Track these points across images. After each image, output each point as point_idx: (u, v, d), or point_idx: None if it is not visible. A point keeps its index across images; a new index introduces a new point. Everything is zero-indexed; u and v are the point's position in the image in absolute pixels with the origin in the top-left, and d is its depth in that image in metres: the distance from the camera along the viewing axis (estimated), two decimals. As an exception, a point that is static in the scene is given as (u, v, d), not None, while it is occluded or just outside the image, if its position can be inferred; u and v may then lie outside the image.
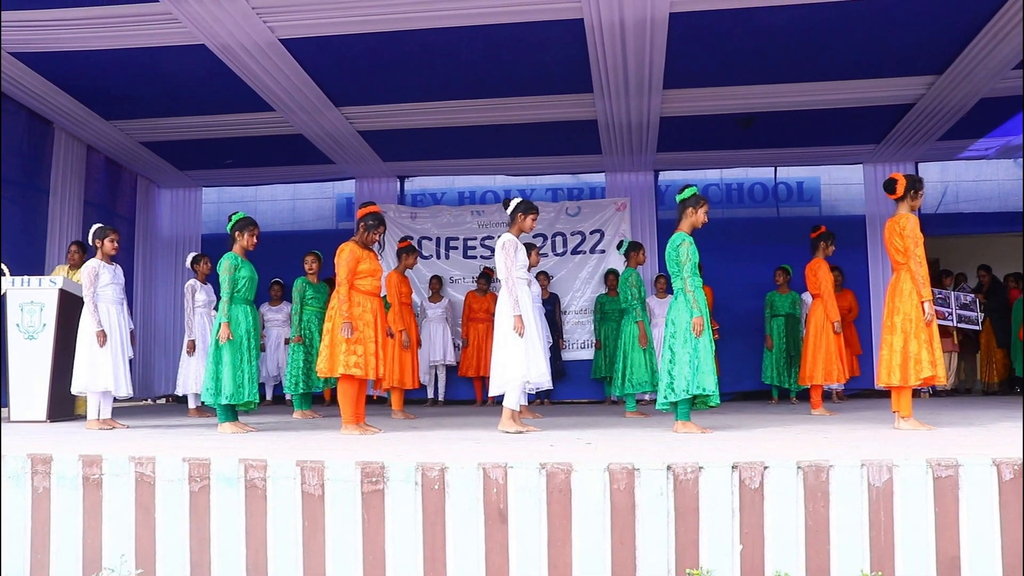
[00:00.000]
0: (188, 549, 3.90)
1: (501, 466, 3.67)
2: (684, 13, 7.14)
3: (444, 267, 11.57)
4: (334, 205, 13.03)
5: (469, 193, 12.67)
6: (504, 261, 5.94)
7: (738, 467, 3.59)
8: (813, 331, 7.92)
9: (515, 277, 5.94)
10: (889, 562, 3.50)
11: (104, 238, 7.03)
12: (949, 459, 3.57)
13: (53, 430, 6.37)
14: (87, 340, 6.84)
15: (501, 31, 7.45)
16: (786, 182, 12.30)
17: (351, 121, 9.73)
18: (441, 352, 10.71)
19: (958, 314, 10.56)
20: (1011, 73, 8.34)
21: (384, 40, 7.61)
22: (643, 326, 7.83)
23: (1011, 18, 7.20)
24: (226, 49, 7.70)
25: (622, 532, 3.57)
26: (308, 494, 3.80)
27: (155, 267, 12.09)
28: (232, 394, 6.12)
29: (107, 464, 4.04)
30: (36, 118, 9.28)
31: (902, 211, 5.83)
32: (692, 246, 5.76)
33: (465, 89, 8.97)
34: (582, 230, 11.52)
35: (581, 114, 9.52)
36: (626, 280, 7.90)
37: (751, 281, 10.56)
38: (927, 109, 9.35)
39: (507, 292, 5.93)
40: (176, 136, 10.21)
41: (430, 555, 3.66)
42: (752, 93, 8.99)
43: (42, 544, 4.05)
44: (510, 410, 5.93)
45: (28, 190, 9.13)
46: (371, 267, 6.07)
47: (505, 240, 6.00)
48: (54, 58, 7.91)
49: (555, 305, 10.89)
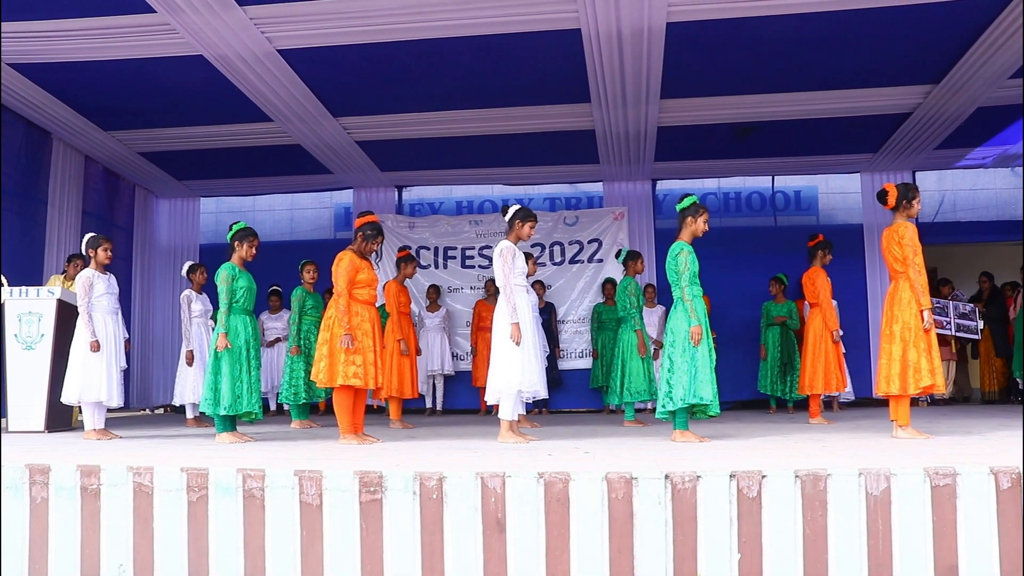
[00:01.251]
0: (186, 559, 3.89)
1: (499, 475, 3.67)
2: (681, 23, 7.16)
3: (442, 276, 11.57)
4: (332, 215, 13.03)
5: (467, 203, 12.68)
6: (502, 268, 5.92)
7: (736, 476, 3.59)
8: (812, 340, 7.92)
9: (513, 284, 5.93)
10: (887, 571, 3.50)
11: (98, 247, 6.97)
12: (947, 468, 3.57)
13: (51, 440, 6.36)
14: (81, 350, 6.80)
15: (498, 41, 7.48)
16: (784, 191, 12.32)
17: (349, 131, 9.75)
18: (439, 362, 10.70)
19: (957, 323, 10.56)
20: (1008, 82, 8.37)
21: (382, 50, 7.62)
22: (641, 335, 7.84)
23: (1008, 27, 7.22)
24: (224, 60, 7.72)
25: (620, 541, 3.57)
26: (306, 504, 3.80)
27: (153, 277, 12.10)
28: (230, 404, 6.12)
29: (105, 474, 4.03)
30: (34, 129, 9.30)
31: (899, 220, 5.83)
32: (692, 255, 5.76)
33: (463, 99, 8.99)
34: (580, 239, 11.53)
35: (579, 124, 9.55)
36: (624, 289, 7.90)
37: (749, 290, 10.57)
38: (924, 118, 9.38)
39: (505, 299, 5.92)
40: (174, 146, 10.23)
41: (428, 564, 3.66)
42: (749, 103, 9.02)
43: (40, 554, 4.04)
44: (507, 421, 5.92)
45: (26, 200, 9.14)
46: (369, 276, 6.08)
47: (503, 247, 5.99)
48: (52, 69, 7.92)
49: (551, 314, 10.89)
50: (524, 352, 5.84)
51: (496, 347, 5.99)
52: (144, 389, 11.74)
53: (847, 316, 10.43)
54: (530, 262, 7.86)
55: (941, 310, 10.43)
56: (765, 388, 9.90)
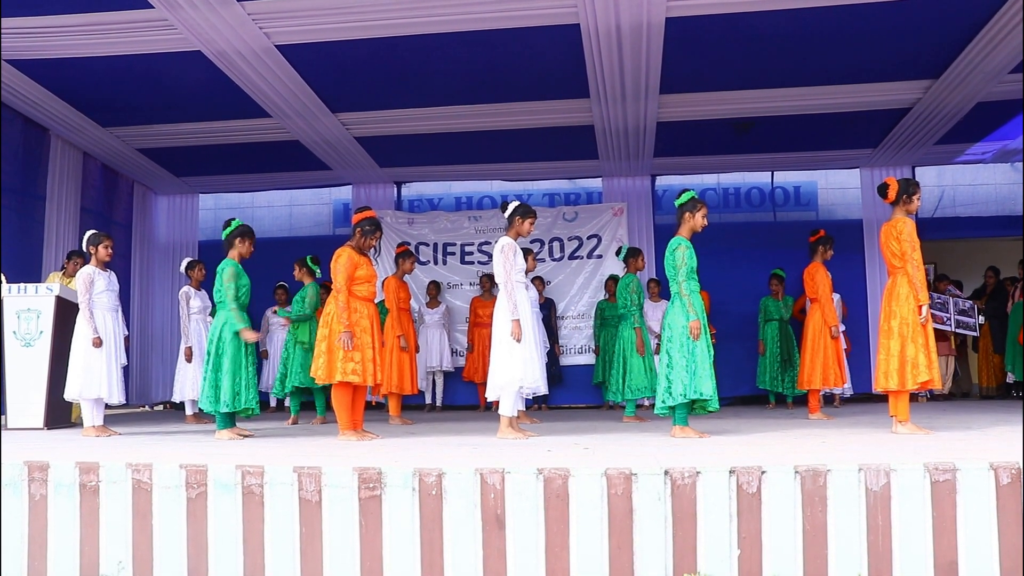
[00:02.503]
0: (185, 556, 3.89)
1: (498, 471, 3.67)
2: (680, 18, 7.14)
3: (442, 273, 11.56)
4: (331, 211, 13.01)
5: (466, 198, 12.67)
6: (503, 264, 5.91)
7: (736, 472, 3.59)
8: (811, 336, 7.92)
9: (514, 281, 5.93)
10: (887, 567, 3.50)
11: (98, 244, 6.96)
12: (947, 463, 3.57)
13: (50, 437, 6.36)
14: (82, 347, 6.79)
15: (497, 36, 7.46)
16: (783, 186, 12.31)
17: (348, 127, 9.73)
18: (438, 358, 10.70)
19: (956, 319, 10.56)
20: (1008, 77, 8.35)
21: (380, 46, 7.61)
22: (640, 332, 7.83)
23: (1008, 22, 7.21)
24: (222, 55, 7.70)
25: (620, 537, 3.57)
26: (305, 500, 3.79)
27: (152, 274, 12.09)
28: (230, 401, 6.12)
29: (104, 471, 4.03)
30: (32, 125, 9.28)
31: (898, 215, 5.82)
32: (690, 250, 5.74)
33: (462, 94, 8.97)
34: (579, 235, 11.53)
35: (578, 119, 9.53)
36: (626, 286, 7.90)
37: (748, 286, 10.57)
38: (924, 113, 9.36)
39: (506, 296, 5.91)
40: (172, 143, 10.21)
41: (428, 561, 3.66)
42: (749, 98, 9.01)
43: (39, 551, 4.04)
44: (507, 417, 5.92)
45: (24, 197, 9.12)
46: (368, 272, 6.07)
47: (504, 243, 5.98)
48: (50, 65, 7.91)
49: (551, 310, 10.89)
50: (525, 348, 5.84)
51: (497, 343, 5.98)
52: (143, 386, 11.73)
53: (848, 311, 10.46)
54: (529, 258, 7.85)
55: (941, 306, 10.42)
56: (764, 384, 9.90)
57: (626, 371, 7.89)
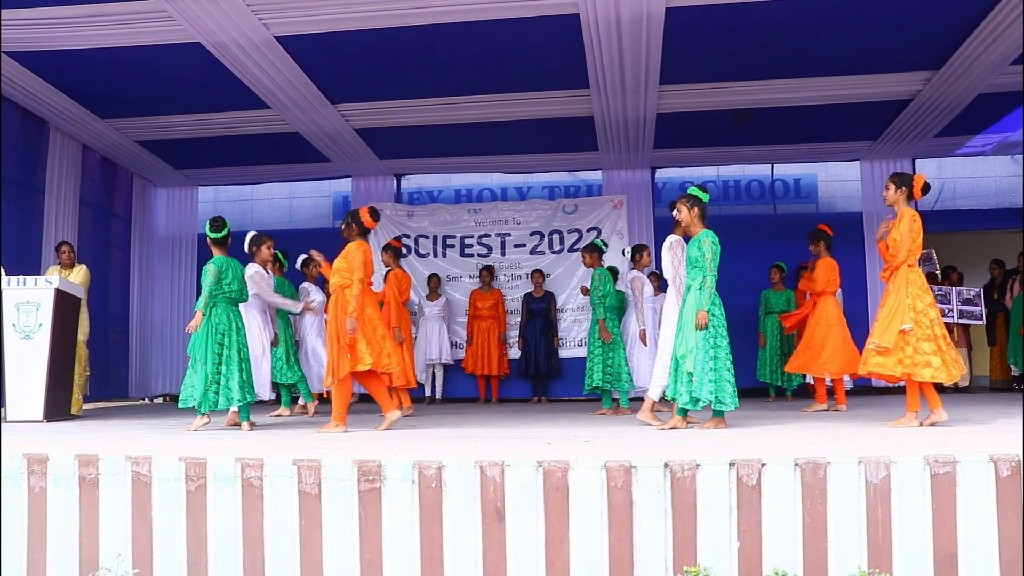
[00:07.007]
0: (185, 548, 3.88)
1: (498, 464, 3.66)
2: (680, 8, 7.13)
3: (441, 265, 11.56)
4: (330, 204, 13.01)
5: (466, 191, 12.66)
6: (671, 261, 6.12)
7: (735, 464, 3.58)
8: (826, 325, 7.67)
9: (682, 277, 6.01)
10: (887, 559, 3.49)
11: (260, 245, 7.21)
12: (947, 456, 3.56)
13: (50, 430, 6.36)
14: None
15: (497, 27, 7.44)
16: (783, 179, 12.29)
17: (347, 118, 9.72)
18: (438, 351, 10.70)
19: (960, 310, 10.48)
20: (1009, 68, 8.33)
21: (380, 37, 7.59)
22: (603, 324, 7.86)
23: (1009, 13, 7.19)
24: (221, 47, 7.68)
25: (619, 530, 3.56)
26: (305, 493, 3.79)
27: (151, 266, 12.09)
28: (241, 397, 6.21)
29: (103, 464, 4.02)
30: (31, 117, 9.26)
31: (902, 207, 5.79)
32: (717, 244, 5.80)
33: (461, 86, 8.96)
34: (579, 228, 11.52)
35: (578, 111, 9.52)
36: (605, 279, 7.91)
37: (748, 278, 10.53)
38: (924, 105, 9.35)
39: (675, 292, 6.05)
40: (172, 135, 10.20)
41: (427, 553, 3.65)
42: (749, 89, 9.00)
43: (39, 544, 4.03)
44: (652, 401, 6.19)
45: (23, 189, 9.11)
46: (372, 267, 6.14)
47: (671, 241, 6.20)
48: (49, 57, 7.89)
49: (550, 303, 10.89)
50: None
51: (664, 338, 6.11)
52: (143, 378, 11.74)
53: (847, 305, 10.42)
54: (645, 253, 8.24)
55: (943, 297, 10.36)
56: (764, 377, 9.90)
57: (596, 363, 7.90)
